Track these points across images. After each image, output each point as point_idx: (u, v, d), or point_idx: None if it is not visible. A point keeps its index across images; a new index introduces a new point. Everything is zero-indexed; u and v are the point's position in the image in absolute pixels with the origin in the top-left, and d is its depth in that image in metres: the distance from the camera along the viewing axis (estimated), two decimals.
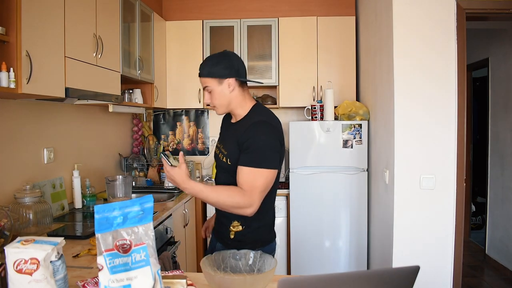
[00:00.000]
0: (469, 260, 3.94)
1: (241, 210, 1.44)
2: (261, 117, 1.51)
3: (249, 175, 1.43)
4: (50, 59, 1.75)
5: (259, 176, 1.43)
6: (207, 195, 1.43)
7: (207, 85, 1.51)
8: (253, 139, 1.44)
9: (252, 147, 1.44)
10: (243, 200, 1.42)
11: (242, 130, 1.48)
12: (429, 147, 2.28)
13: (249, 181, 1.43)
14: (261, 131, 1.46)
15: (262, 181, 1.43)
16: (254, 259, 1.23)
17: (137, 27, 2.84)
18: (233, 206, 1.43)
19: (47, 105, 2.25)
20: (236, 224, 1.55)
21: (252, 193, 1.42)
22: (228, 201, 1.42)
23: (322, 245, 3.11)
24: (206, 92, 1.53)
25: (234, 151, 1.50)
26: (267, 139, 1.46)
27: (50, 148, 2.27)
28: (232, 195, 1.42)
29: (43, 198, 1.96)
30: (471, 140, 4.68)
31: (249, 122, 1.49)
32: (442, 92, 2.26)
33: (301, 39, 3.40)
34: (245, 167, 1.44)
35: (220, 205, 1.45)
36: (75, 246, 1.68)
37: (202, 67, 1.52)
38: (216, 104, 1.53)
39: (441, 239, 2.29)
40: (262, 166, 1.43)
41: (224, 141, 1.61)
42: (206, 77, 1.50)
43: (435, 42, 2.26)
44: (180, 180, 1.42)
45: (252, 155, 1.43)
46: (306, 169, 3.09)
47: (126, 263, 0.93)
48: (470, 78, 4.44)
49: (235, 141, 1.51)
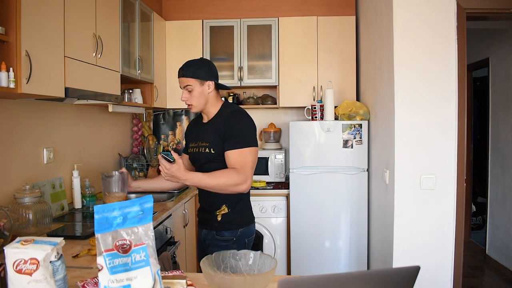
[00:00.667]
0: (470, 260, 3.94)
1: (238, 187, 1.64)
2: (234, 108, 1.80)
3: (238, 155, 1.65)
4: (50, 59, 1.75)
5: (247, 154, 1.66)
6: (208, 181, 1.61)
7: (189, 85, 1.72)
8: (234, 125, 1.68)
9: (235, 132, 1.67)
10: (239, 177, 1.62)
11: (220, 122, 1.71)
12: (430, 147, 2.28)
13: (239, 161, 1.64)
14: (239, 117, 1.72)
15: (251, 158, 1.67)
16: (254, 259, 1.23)
17: (137, 27, 2.84)
18: (232, 184, 1.62)
19: (46, 105, 2.25)
20: (224, 208, 1.74)
21: (245, 170, 1.64)
22: (227, 181, 1.61)
23: (322, 245, 3.11)
24: (186, 91, 1.73)
25: (216, 141, 1.70)
26: (246, 122, 1.73)
27: (50, 148, 2.27)
28: (229, 175, 1.62)
29: (42, 198, 1.95)
30: (472, 140, 4.68)
31: (225, 114, 1.73)
32: (443, 92, 2.26)
33: (301, 39, 3.40)
34: (233, 150, 1.66)
35: (220, 186, 1.62)
36: (75, 246, 1.68)
37: (185, 69, 1.72)
38: (194, 103, 1.74)
39: (441, 239, 2.29)
40: (247, 145, 1.67)
41: (200, 138, 1.78)
42: (190, 77, 1.72)
43: (436, 42, 2.26)
44: (181, 174, 1.56)
45: (236, 139, 1.66)
46: (306, 169, 3.09)
47: (126, 264, 0.93)
48: (470, 78, 4.44)
49: (215, 133, 1.71)
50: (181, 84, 1.74)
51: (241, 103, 3.60)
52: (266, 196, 3.18)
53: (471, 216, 4.68)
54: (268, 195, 3.19)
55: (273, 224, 3.19)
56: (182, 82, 1.73)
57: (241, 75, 3.44)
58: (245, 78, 3.46)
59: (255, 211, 3.23)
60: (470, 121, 4.33)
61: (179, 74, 1.74)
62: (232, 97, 3.56)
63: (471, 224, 4.69)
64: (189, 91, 1.72)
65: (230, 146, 1.67)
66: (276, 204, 3.18)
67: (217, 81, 1.79)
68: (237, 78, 3.44)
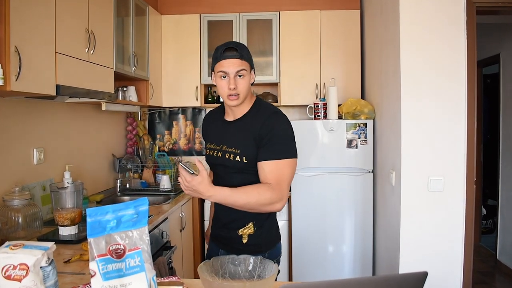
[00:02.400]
0: (480, 266, 3.94)
1: (272, 206, 1.44)
2: (273, 109, 1.54)
3: (275, 168, 1.44)
4: (40, 55, 1.75)
5: (285, 167, 1.45)
6: (236, 198, 1.40)
7: (244, 69, 1.48)
8: (275, 130, 1.46)
9: (275, 139, 1.45)
10: (274, 195, 1.42)
11: (256, 124, 1.49)
12: (438, 147, 2.28)
13: (276, 174, 1.43)
14: (280, 122, 1.49)
15: (289, 172, 1.45)
16: (254, 264, 1.23)
17: (132, 21, 2.84)
18: (265, 203, 1.42)
19: (37, 103, 2.25)
20: (250, 226, 1.54)
21: (281, 186, 1.43)
22: (260, 199, 1.41)
23: (325, 250, 3.11)
24: (237, 76, 1.48)
25: (249, 148, 1.48)
26: (288, 127, 1.50)
27: (40, 149, 2.27)
28: (262, 192, 1.41)
29: (32, 200, 1.96)
30: (482, 140, 4.68)
31: (262, 115, 1.50)
32: (451, 90, 2.26)
33: (304, 34, 3.40)
34: (269, 161, 1.44)
35: (252, 205, 1.42)
36: (66, 251, 1.68)
37: (241, 50, 1.48)
38: (242, 93, 1.50)
39: (450, 243, 2.29)
40: (286, 156, 1.45)
41: (225, 140, 1.57)
42: (247, 61, 1.50)
43: (444, 38, 2.26)
44: (204, 189, 1.36)
45: (275, 147, 1.45)
46: (309, 170, 3.09)
47: (120, 269, 0.93)
48: (480, 75, 4.44)
49: (248, 137, 1.49)
50: (231, 68, 1.46)
51: None
52: None
53: (481, 220, 4.68)
54: None
55: None
56: (235, 65, 1.46)
57: None
58: None
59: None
60: (480, 120, 4.33)
61: (232, 55, 1.46)
62: None
63: (481, 228, 4.69)
64: (241, 77, 1.48)
65: (267, 156, 1.45)
66: None
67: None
68: None
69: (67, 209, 1.87)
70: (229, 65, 1.46)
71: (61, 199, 1.81)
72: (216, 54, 1.51)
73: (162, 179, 3.16)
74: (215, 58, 1.51)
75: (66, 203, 1.85)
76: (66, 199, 1.84)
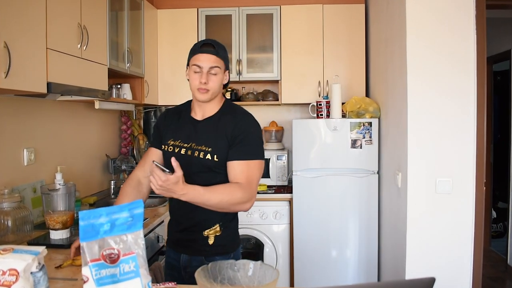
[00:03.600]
0: (490, 271, 3.94)
1: (242, 205, 1.50)
2: (244, 110, 1.65)
3: (246, 168, 1.52)
4: (31, 51, 1.75)
5: (256, 168, 1.54)
6: (209, 197, 1.43)
7: (217, 66, 1.55)
8: (247, 131, 1.56)
9: (246, 140, 1.54)
10: (244, 194, 1.48)
11: (228, 124, 1.57)
12: (446, 148, 2.28)
13: (247, 174, 1.51)
14: (252, 123, 1.61)
15: (258, 173, 1.55)
16: (254, 270, 1.23)
17: (126, 16, 2.84)
18: (236, 203, 1.48)
19: (27, 102, 2.24)
20: (216, 227, 1.59)
21: (251, 186, 1.51)
22: (231, 198, 1.46)
23: (328, 255, 3.11)
24: (210, 73, 1.54)
25: (222, 147, 1.55)
26: (258, 130, 1.61)
27: (31, 149, 2.26)
28: (233, 191, 1.47)
29: (22, 203, 1.95)
30: (492, 140, 4.68)
31: (235, 116, 1.60)
32: (460, 88, 2.26)
33: (306, 29, 3.40)
34: (241, 161, 1.53)
35: (223, 204, 1.47)
36: (58, 255, 1.68)
37: (218, 48, 1.56)
38: (212, 89, 1.56)
39: (458, 248, 2.29)
40: (257, 157, 1.56)
41: (195, 139, 1.59)
42: (222, 59, 1.57)
43: (452, 33, 2.25)
44: (179, 188, 1.36)
45: (248, 147, 1.54)
46: (311, 172, 3.09)
47: (114, 275, 0.93)
48: (490, 72, 4.44)
49: (220, 137, 1.56)
50: (205, 63, 1.53)
51: (240, 99, 3.60)
52: (267, 201, 3.18)
53: (491, 223, 4.68)
54: (269, 199, 3.18)
55: (274, 231, 3.19)
56: (210, 61, 1.53)
57: (239, 69, 3.44)
58: (244, 72, 3.45)
59: (255, 217, 3.26)
60: (490, 119, 4.33)
61: (208, 50, 1.54)
62: (230, 93, 3.55)
63: (491, 232, 4.69)
64: (214, 74, 1.55)
65: (238, 156, 1.52)
66: (278, 209, 3.18)
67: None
68: (236, 72, 3.44)
69: (59, 212, 1.87)
70: (204, 60, 1.54)
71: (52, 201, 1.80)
72: (194, 48, 1.59)
73: None
74: (192, 52, 1.59)
75: (57, 206, 1.84)
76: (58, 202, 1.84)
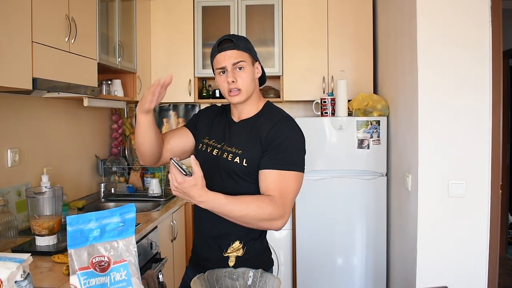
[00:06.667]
0: (506, 280, 3.94)
1: (271, 223, 1.37)
2: (284, 113, 1.52)
3: (280, 179, 1.39)
4: (15, 45, 1.74)
5: (292, 180, 1.40)
6: (232, 208, 1.32)
7: (242, 60, 1.46)
8: (284, 137, 1.42)
9: (283, 146, 1.41)
10: (275, 210, 1.35)
11: (263, 127, 1.46)
12: (459, 148, 2.28)
13: (280, 186, 1.38)
14: (292, 128, 1.46)
15: (295, 187, 1.41)
16: (254, 278, 1.23)
17: (117, 7, 2.84)
18: (264, 218, 1.35)
19: (11, 99, 2.24)
20: (237, 246, 1.47)
21: (285, 201, 1.38)
22: (259, 213, 1.33)
23: (333, 262, 3.11)
24: (235, 69, 1.46)
25: (253, 151, 1.44)
26: (299, 137, 1.46)
27: (15, 149, 2.26)
28: (262, 205, 1.34)
29: (6, 207, 1.95)
30: (508, 140, 4.68)
31: (272, 118, 1.48)
32: (474, 84, 2.26)
33: (309, 21, 3.40)
34: (275, 170, 1.39)
35: (248, 219, 1.34)
36: (44, 263, 1.68)
37: (236, 40, 1.48)
38: (244, 87, 1.46)
39: (472, 255, 2.29)
40: (295, 169, 1.41)
41: (227, 140, 1.52)
42: (244, 51, 1.47)
43: (466, 26, 2.25)
44: (197, 193, 1.26)
45: (283, 155, 1.40)
46: (315, 174, 3.09)
47: (104, 284, 0.93)
48: (506, 67, 4.44)
49: (252, 140, 1.46)
50: (226, 61, 1.45)
51: None
52: None
53: (507, 229, 4.68)
54: None
55: (276, 237, 3.19)
56: (231, 57, 1.45)
57: None
58: None
59: None
60: (506, 118, 4.32)
61: (226, 47, 1.46)
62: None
63: (507, 238, 4.69)
64: (240, 69, 1.46)
65: (272, 164, 1.40)
66: None
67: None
68: None
69: (45, 217, 1.86)
70: (224, 59, 1.46)
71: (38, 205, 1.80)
72: (212, 51, 1.52)
73: (151, 184, 3.16)
74: (211, 56, 1.52)
75: (43, 210, 1.84)
76: (44, 206, 1.83)
